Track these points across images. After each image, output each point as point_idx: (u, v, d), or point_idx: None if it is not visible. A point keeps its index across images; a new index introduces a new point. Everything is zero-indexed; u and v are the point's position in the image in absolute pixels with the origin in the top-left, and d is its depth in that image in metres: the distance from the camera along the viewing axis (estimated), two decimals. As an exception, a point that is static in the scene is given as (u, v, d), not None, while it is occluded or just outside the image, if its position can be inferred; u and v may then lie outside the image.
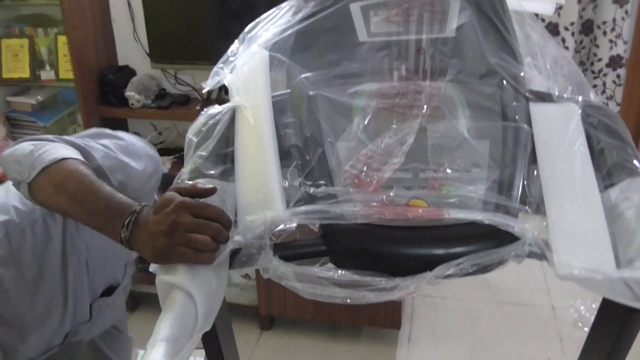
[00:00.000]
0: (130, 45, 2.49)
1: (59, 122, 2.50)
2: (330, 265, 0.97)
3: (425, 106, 1.02)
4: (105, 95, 2.41)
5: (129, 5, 2.42)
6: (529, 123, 1.01)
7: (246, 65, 1.06)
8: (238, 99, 1.00)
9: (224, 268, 0.93)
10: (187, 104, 2.42)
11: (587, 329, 2.37)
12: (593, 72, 3.01)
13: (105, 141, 1.14)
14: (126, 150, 1.15)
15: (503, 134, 0.99)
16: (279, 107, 1.03)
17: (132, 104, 2.35)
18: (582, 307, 2.45)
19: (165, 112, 2.38)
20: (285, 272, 0.90)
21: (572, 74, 1.11)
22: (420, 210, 0.91)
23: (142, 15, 2.37)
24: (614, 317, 0.98)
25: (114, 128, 1.23)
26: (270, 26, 1.11)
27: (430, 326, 2.41)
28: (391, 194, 0.93)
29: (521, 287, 2.53)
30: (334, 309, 2.20)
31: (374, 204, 0.92)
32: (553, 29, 2.96)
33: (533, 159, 0.97)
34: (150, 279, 1.04)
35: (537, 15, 1.19)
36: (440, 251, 0.89)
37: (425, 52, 1.08)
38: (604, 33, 2.94)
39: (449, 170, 0.97)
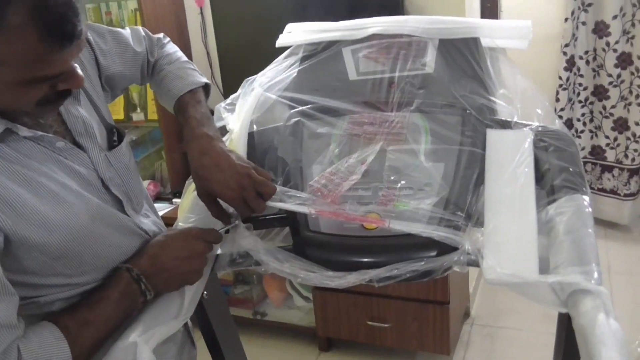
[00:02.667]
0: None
1: (147, 157, 2.84)
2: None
3: (387, 132, 1.16)
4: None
5: (207, 53, 2.73)
6: (484, 148, 1.13)
7: (242, 100, 1.26)
8: (222, 122, 1.22)
9: (209, 266, 1.13)
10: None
11: (651, 365, 2.31)
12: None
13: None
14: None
15: (457, 158, 1.10)
16: (267, 136, 1.21)
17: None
18: (648, 342, 2.38)
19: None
20: (253, 244, 1.08)
21: (538, 103, 1.21)
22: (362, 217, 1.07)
23: (217, 61, 2.67)
24: (561, 326, 1.06)
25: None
26: (267, 72, 1.30)
27: (485, 354, 2.44)
28: (346, 207, 1.08)
29: (585, 320, 2.48)
30: (384, 332, 2.31)
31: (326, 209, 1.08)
32: (626, 58, 2.97)
33: (482, 179, 1.08)
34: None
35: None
36: (367, 259, 1.03)
37: (396, 86, 1.22)
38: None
39: (403, 189, 1.10)
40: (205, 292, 1.15)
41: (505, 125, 1.15)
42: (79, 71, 0.86)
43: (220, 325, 1.25)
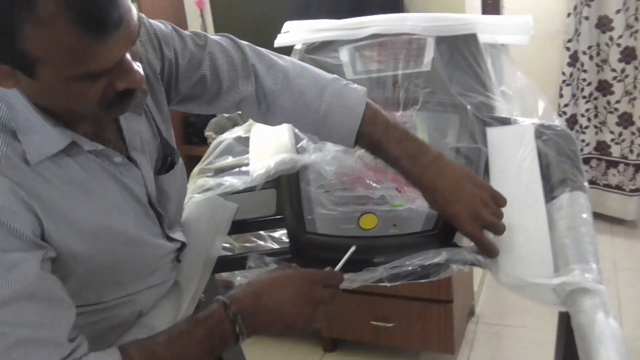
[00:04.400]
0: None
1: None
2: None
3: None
4: (188, 136, 2.71)
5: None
6: (485, 144, 1.12)
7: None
8: None
9: (209, 269, 1.12)
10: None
11: (658, 361, 2.29)
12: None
13: None
14: None
15: (455, 156, 1.10)
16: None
17: (210, 142, 2.63)
18: (655, 339, 2.37)
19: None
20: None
21: (538, 100, 1.21)
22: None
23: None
24: (562, 324, 1.05)
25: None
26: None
27: (490, 353, 2.43)
28: (346, 209, 1.08)
29: (591, 317, 2.47)
30: (388, 331, 2.30)
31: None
32: (630, 52, 2.95)
33: (481, 177, 1.08)
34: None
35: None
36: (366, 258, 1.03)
37: (400, 86, 1.22)
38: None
39: (400, 188, 1.09)
40: (203, 295, 1.15)
41: (504, 122, 1.15)
42: (137, 67, 0.78)
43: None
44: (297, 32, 1.35)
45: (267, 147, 1.22)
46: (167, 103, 1.03)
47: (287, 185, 1.14)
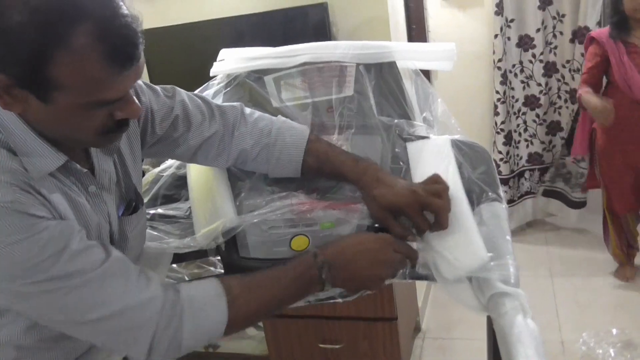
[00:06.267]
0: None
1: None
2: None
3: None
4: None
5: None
6: (406, 161, 1.17)
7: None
8: None
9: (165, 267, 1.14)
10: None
11: (595, 363, 2.39)
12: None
13: None
14: None
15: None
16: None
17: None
18: (591, 341, 2.46)
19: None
20: None
21: (455, 127, 1.27)
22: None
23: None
24: (488, 329, 1.10)
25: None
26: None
27: (438, 367, 2.48)
28: (277, 232, 1.11)
29: (532, 325, 2.56)
30: (336, 353, 2.32)
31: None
32: (552, 67, 3.11)
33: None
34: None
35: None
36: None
37: (334, 111, 1.26)
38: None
39: (329, 209, 1.13)
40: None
41: (424, 139, 1.20)
42: (136, 100, 0.86)
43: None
44: (231, 61, 1.38)
45: (208, 205, 1.19)
46: (140, 148, 1.09)
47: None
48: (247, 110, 1.19)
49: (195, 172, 1.26)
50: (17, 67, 0.74)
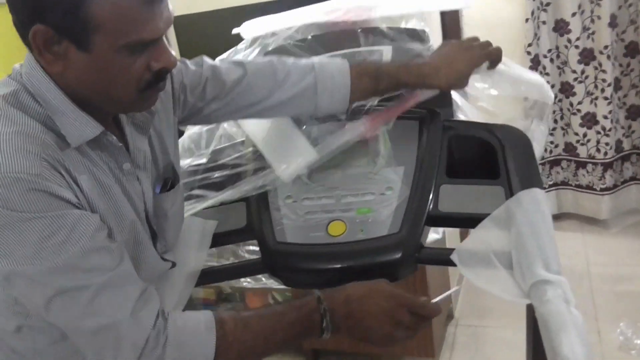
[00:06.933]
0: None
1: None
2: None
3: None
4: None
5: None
6: (442, 146, 1.15)
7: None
8: None
9: (191, 284, 1.14)
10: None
11: (633, 352, 2.34)
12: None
13: None
14: None
15: (416, 160, 1.14)
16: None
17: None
18: (629, 331, 2.41)
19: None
20: None
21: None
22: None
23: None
24: (529, 318, 1.08)
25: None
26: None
27: (471, 355, 2.46)
28: (314, 217, 1.10)
29: (567, 314, 2.52)
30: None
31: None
32: (588, 54, 3.03)
33: (442, 179, 1.11)
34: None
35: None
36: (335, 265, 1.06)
37: None
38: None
39: (366, 194, 1.12)
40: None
41: (461, 125, 1.19)
42: (171, 50, 0.87)
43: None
44: (260, 25, 1.39)
45: (282, 145, 1.20)
46: (176, 122, 1.10)
47: (256, 197, 1.16)
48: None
49: (252, 123, 1.26)
50: (55, 11, 0.77)
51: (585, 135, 3.19)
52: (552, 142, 3.28)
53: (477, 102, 1.23)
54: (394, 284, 1.01)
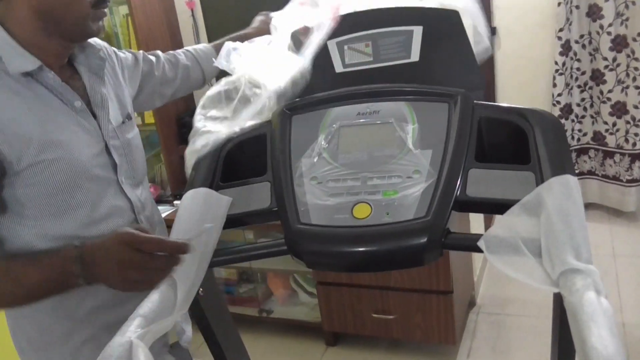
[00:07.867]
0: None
1: (147, 161, 2.84)
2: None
3: (378, 122, 1.17)
4: (183, 136, 2.71)
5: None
6: (471, 132, 1.13)
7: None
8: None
9: (206, 262, 1.12)
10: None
11: (658, 346, 2.31)
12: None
13: None
14: None
15: (445, 143, 1.11)
16: (255, 132, 1.23)
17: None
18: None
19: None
20: None
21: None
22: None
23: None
24: (556, 306, 1.06)
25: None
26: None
27: (492, 342, 2.44)
28: (339, 199, 1.09)
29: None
30: (389, 324, 2.31)
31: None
32: (621, 40, 2.95)
33: (471, 163, 1.09)
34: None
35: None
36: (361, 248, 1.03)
37: (388, 77, 1.23)
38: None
39: (392, 177, 1.10)
40: (200, 289, 1.15)
41: (492, 108, 1.16)
42: None
43: (218, 322, 1.25)
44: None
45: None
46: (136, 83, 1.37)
47: (280, 177, 1.15)
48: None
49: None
50: None
51: (614, 124, 3.12)
52: (580, 130, 3.23)
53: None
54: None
